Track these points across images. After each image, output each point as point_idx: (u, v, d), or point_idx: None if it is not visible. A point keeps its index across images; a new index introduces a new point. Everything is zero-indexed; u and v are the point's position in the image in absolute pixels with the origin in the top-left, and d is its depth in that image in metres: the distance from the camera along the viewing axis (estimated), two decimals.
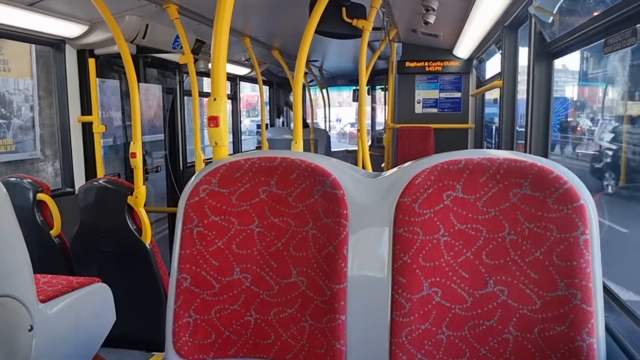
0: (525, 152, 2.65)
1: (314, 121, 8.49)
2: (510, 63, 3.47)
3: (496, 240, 1.32)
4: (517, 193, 1.30)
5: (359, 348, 1.36)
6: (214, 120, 1.66)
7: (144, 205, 2.99)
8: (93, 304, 2.25)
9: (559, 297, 1.27)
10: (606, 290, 1.61)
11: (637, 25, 1.63)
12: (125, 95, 4.60)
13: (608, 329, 1.38)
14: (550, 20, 2.51)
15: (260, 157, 1.46)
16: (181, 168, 5.33)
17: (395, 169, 1.45)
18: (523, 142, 2.81)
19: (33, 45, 5.76)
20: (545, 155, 2.64)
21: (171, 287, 1.45)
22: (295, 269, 1.43)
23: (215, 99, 1.66)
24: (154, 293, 2.94)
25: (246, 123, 16.23)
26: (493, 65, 5.07)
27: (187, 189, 1.46)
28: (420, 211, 1.35)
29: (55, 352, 1.94)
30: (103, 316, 2.33)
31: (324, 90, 9.09)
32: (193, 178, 1.48)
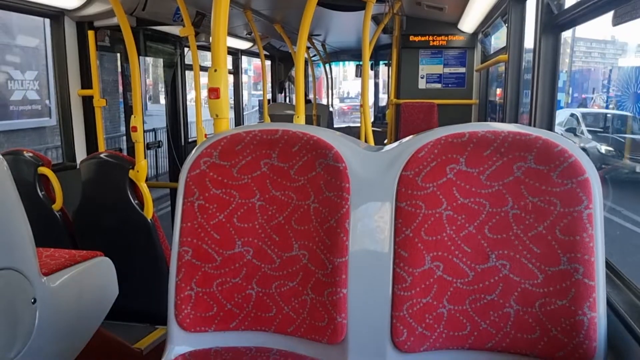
0: (530, 125, 2.63)
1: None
2: (516, 36, 3.41)
3: (499, 215, 1.31)
4: (521, 167, 1.29)
5: (360, 321, 1.37)
6: (214, 92, 1.64)
7: (146, 180, 2.98)
8: (96, 277, 2.26)
9: (561, 272, 1.26)
10: (608, 264, 1.61)
11: None
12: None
13: (609, 304, 1.38)
14: None
15: (261, 130, 1.45)
16: (183, 143, 5.31)
17: (398, 142, 1.43)
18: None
19: None
20: (551, 129, 2.61)
21: (172, 260, 1.45)
22: (296, 242, 1.43)
23: (215, 70, 1.63)
24: (156, 267, 2.95)
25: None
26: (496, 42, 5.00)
27: (188, 162, 1.45)
28: (423, 185, 1.34)
29: (59, 324, 1.96)
30: (106, 289, 2.34)
31: (327, 65, 9.00)
32: (194, 151, 1.46)
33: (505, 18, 3.84)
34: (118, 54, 4.50)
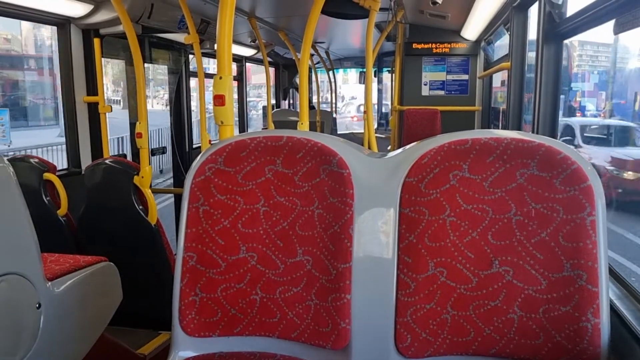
0: (532, 132, 2.64)
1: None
2: (518, 44, 3.42)
3: (502, 221, 1.32)
4: (524, 173, 1.30)
5: (364, 327, 1.37)
6: (219, 99, 1.66)
7: (150, 186, 3.00)
8: (100, 283, 2.27)
9: (565, 278, 1.27)
10: (611, 271, 1.61)
11: None
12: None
13: (613, 310, 1.38)
14: (560, 2, 2.47)
15: (266, 137, 1.46)
16: (187, 149, 5.33)
17: (401, 149, 1.44)
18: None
19: None
20: (553, 136, 2.62)
21: (177, 265, 1.46)
22: (300, 248, 1.44)
23: (221, 78, 1.65)
24: (160, 272, 2.96)
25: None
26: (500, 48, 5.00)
27: (193, 168, 1.46)
28: (427, 191, 1.35)
29: (63, 329, 1.97)
30: (110, 295, 2.35)
31: (330, 73, 9.03)
32: (199, 157, 1.48)
33: (507, 26, 3.86)
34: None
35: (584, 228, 1.25)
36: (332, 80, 9.19)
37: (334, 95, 9.68)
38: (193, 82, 5.74)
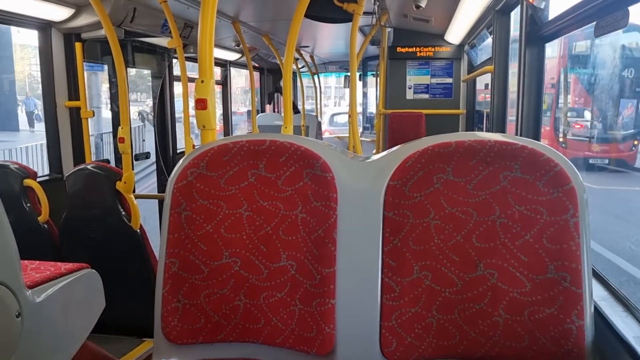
0: (516, 135, 2.65)
1: None
2: (501, 48, 3.45)
3: (486, 224, 1.32)
4: (507, 176, 1.30)
5: (349, 332, 1.36)
6: (201, 103, 1.64)
7: (133, 191, 2.97)
8: (82, 290, 2.23)
9: (549, 280, 1.27)
10: (595, 272, 1.62)
11: (629, 7, 1.63)
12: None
13: (597, 311, 1.39)
14: (541, 5, 2.50)
15: (248, 140, 1.45)
16: (171, 154, 5.29)
17: (385, 152, 1.44)
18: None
19: None
20: (537, 139, 2.64)
21: (159, 272, 1.44)
22: (284, 253, 1.42)
23: (202, 81, 1.64)
24: (143, 279, 2.93)
25: None
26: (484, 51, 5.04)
27: (175, 172, 1.44)
28: (411, 194, 1.35)
29: (44, 338, 1.93)
30: (92, 302, 2.31)
31: (315, 77, 9.04)
32: (181, 161, 1.46)
33: (490, 29, 3.89)
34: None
35: (567, 230, 1.26)
36: (317, 84, 9.19)
37: (318, 99, 9.68)
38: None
